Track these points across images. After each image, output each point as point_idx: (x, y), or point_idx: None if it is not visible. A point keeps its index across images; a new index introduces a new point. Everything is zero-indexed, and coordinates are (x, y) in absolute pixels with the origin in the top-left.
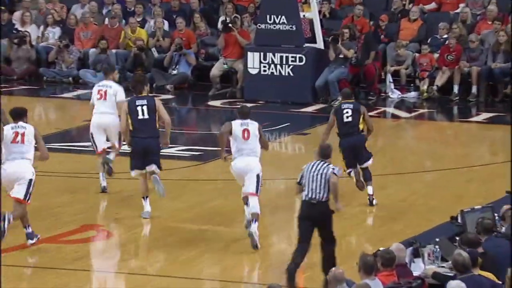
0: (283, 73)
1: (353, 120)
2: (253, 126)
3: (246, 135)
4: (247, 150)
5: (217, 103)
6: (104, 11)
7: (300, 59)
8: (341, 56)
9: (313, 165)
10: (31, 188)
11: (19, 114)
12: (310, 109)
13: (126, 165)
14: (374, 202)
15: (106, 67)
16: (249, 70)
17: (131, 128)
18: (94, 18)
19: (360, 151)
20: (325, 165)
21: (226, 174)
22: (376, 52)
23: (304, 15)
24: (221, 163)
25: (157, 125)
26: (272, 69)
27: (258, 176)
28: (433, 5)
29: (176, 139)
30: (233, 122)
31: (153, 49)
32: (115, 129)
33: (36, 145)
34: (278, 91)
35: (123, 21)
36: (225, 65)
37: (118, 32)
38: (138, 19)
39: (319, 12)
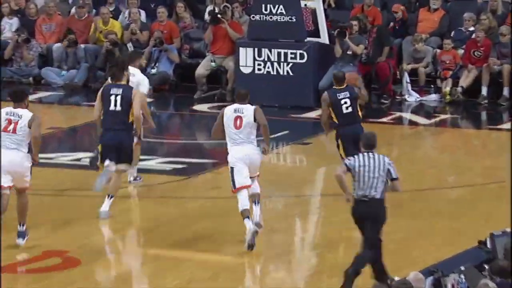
0: (281, 72)
1: (353, 110)
2: (248, 112)
3: (238, 123)
4: (240, 139)
5: (203, 107)
6: (71, 0)
7: (301, 56)
8: (349, 52)
9: (364, 158)
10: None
11: (17, 98)
12: (312, 114)
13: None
14: None
15: (132, 51)
16: (241, 68)
17: (101, 117)
18: (59, 8)
19: (358, 141)
20: (379, 157)
21: (214, 191)
22: (390, 48)
23: (305, 4)
24: (209, 177)
25: (129, 119)
26: (268, 67)
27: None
28: None
29: (155, 150)
30: (226, 109)
31: (129, 44)
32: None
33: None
34: (275, 93)
35: (93, 11)
36: (213, 63)
37: (87, 24)
38: (111, 9)
39: (323, 1)
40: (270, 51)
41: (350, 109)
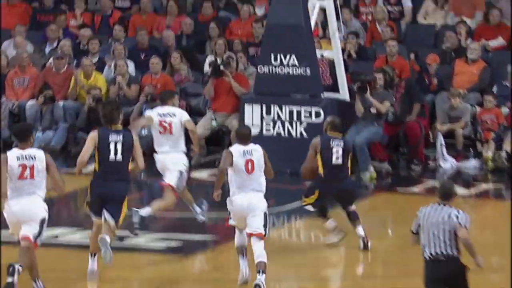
0: (294, 134)
1: (343, 163)
2: (257, 154)
3: (250, 167)
4: (252, 185)
5: (202, 174)
6: (47, 49)
7: (317, 114)
8: (372, 110)
9: (431, 210)
10: (43, 228)
11: (22, 136)
12: None
13: None
14: (369, 244)
15: (164, 92)
16: None
17: (96, 167)
18: (33, 59)
19: (349, 196)
20: (448, 210)
21: (215, 273)
22: (421, 105)
23: (322, 55)
24: (210, 256)
25: (129, 168)
26: (279, 127)
27: (265, 214)
28: (500, 41)
29: (146, 225)
30: (233, 150)
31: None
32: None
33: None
34: (287, 158)
35: (74, 62)
36: (214, 122)
37: (67, 78)
38: (94, 60)
39: (343, 50)
40: (281, 109)
41: (340, 161)
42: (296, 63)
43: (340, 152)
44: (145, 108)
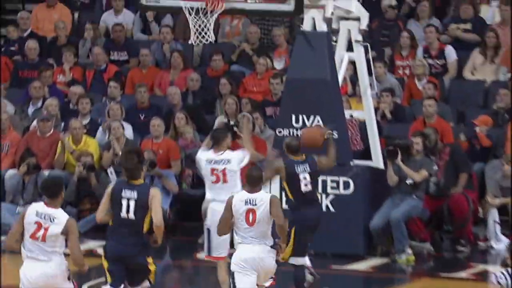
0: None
1: (313, 188)
2: (262, 205)
3: (251, 218)
4: (251, 238)
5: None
6: (31, 110)
7: (346, 185)
8: (409, 181)
9: None
10: None
11: (50, 191)
12: (362, 265)
13: None
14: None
15: (217, 133)
16: None
17: (110, 222)
18: (14, 122)
19: (317, 228)
20: None
21: None
22: (469, 175)
23: (351, 115)
24: None
25: (144, 228)
26: None
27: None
28: None
29: None
30: (235, 196)
31: (110, 170)
32: None
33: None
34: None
35: (61, 124)
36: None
37: (53, 143)
38: (85, 122)
39: (376, 110)
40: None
41: (309, 187)
42: (322, 125)
43: (308, 178)
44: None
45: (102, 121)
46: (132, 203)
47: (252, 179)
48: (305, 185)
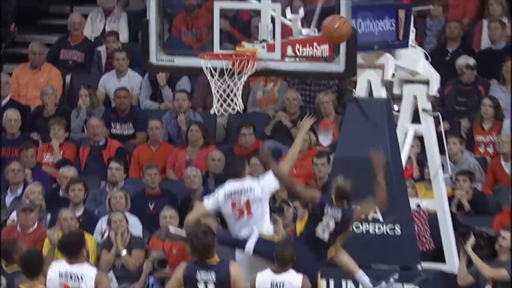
0: None
1: (329, 241)
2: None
3: None
4: None
5: None
6: (9, 199)
7: None
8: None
9: None
10: None
11: (71, 250)
12: None
13: None
14: None
15: (236, 168)
16: None
17: None
18: None
19: None
20: None
21: None
22: None
23: (418, 205)
24: None
25: None
26: None
27: None
28: None
29: None
30: (259, 276)
31: (109, 274)
32: None
33: None
34: None
35: (48, 217)
36: None
37: (37, 241)
38: (78, 213)
39: (451, 199)
40: (356, 286)
41: (326, 236)
42: (380, 217)
43: (332, 226)
44: (152, 284)
45: (100, 213)
46: (210, 286)
47: (283, 259)
48: (322, 231)
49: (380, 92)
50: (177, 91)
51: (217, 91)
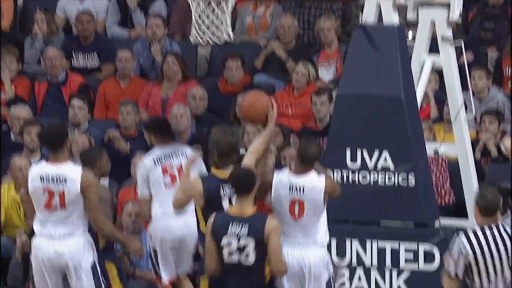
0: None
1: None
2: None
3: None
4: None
5: None
6: None
7: (428, 257)
8: None
9: (486, 235)
10: (100, 279)
11: (52, 142)
12: None
13: None
14: None
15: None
16: None
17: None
18: None
19: None
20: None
21: None
22: None
23: (436, 151)
24: None
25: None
26: (360, 279)
27: None
28: None
29: None
30: (276, 176)
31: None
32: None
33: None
34: None
35: None
36: None
37: None
38: (34, 160)
39: (474, 144)
40: (363, 246)
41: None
42: (391, 165)
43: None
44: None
45: None
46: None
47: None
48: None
49: (392, 17)
50: (150, 16)
51: (199, 17)
